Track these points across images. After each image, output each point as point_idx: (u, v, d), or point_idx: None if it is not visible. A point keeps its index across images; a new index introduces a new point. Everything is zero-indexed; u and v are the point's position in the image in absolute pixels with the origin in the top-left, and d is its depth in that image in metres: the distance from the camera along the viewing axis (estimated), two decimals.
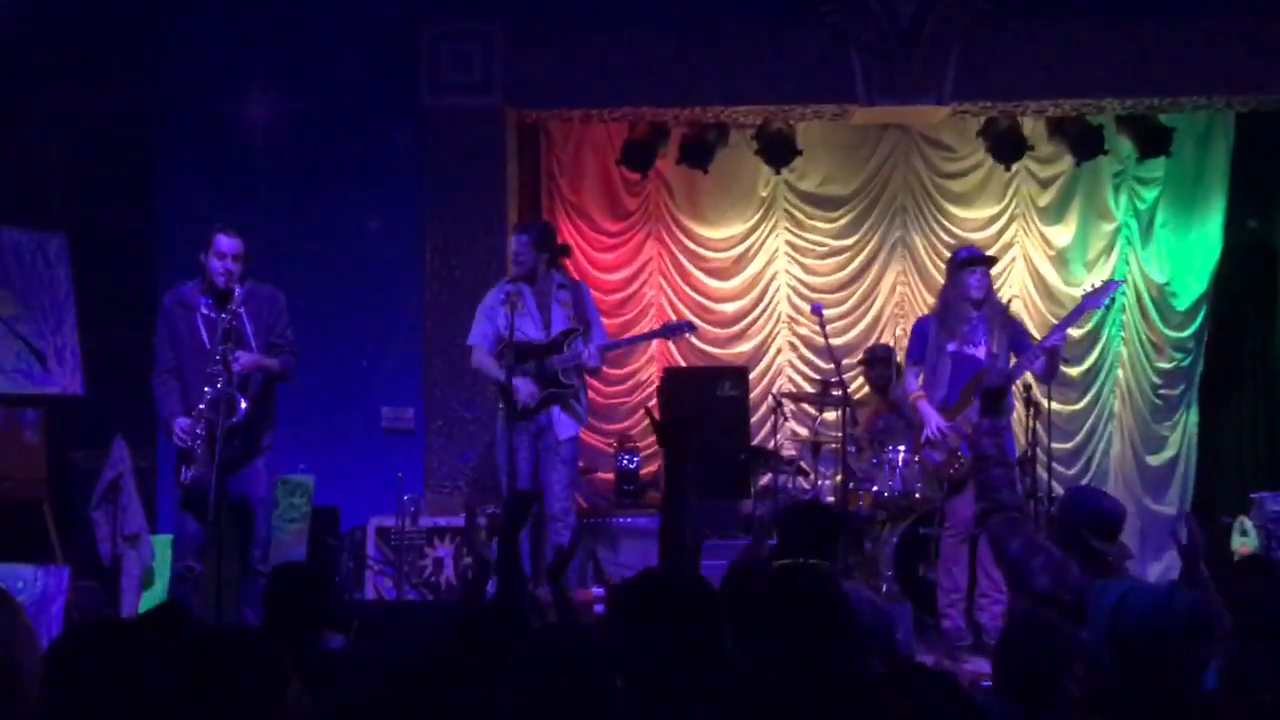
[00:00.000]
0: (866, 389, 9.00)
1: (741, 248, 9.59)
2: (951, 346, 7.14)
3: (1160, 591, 3.43)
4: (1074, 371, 9.23)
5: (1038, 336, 7.49)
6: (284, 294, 6.44)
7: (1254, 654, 3.30)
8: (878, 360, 8.82)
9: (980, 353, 7.15)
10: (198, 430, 6.06)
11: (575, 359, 6.99)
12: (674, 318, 9.52)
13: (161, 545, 7.15)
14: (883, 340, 9.35)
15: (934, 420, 7.15)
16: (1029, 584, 4.19)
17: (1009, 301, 7.75)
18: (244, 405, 6.10)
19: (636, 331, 9.19)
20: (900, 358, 8.85)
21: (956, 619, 7.07)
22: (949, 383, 7.17)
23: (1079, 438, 9.33)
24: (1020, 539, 4.28)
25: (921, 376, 7.30)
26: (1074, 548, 4.38)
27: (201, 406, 6.06)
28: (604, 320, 9.45)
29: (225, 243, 6.23)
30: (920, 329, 7.45)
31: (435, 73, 8.21)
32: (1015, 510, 4.45)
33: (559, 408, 7.02)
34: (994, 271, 9.29)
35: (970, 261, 7.25)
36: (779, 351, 9.62)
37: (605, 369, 9.42)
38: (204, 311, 6.22)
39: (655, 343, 9.46)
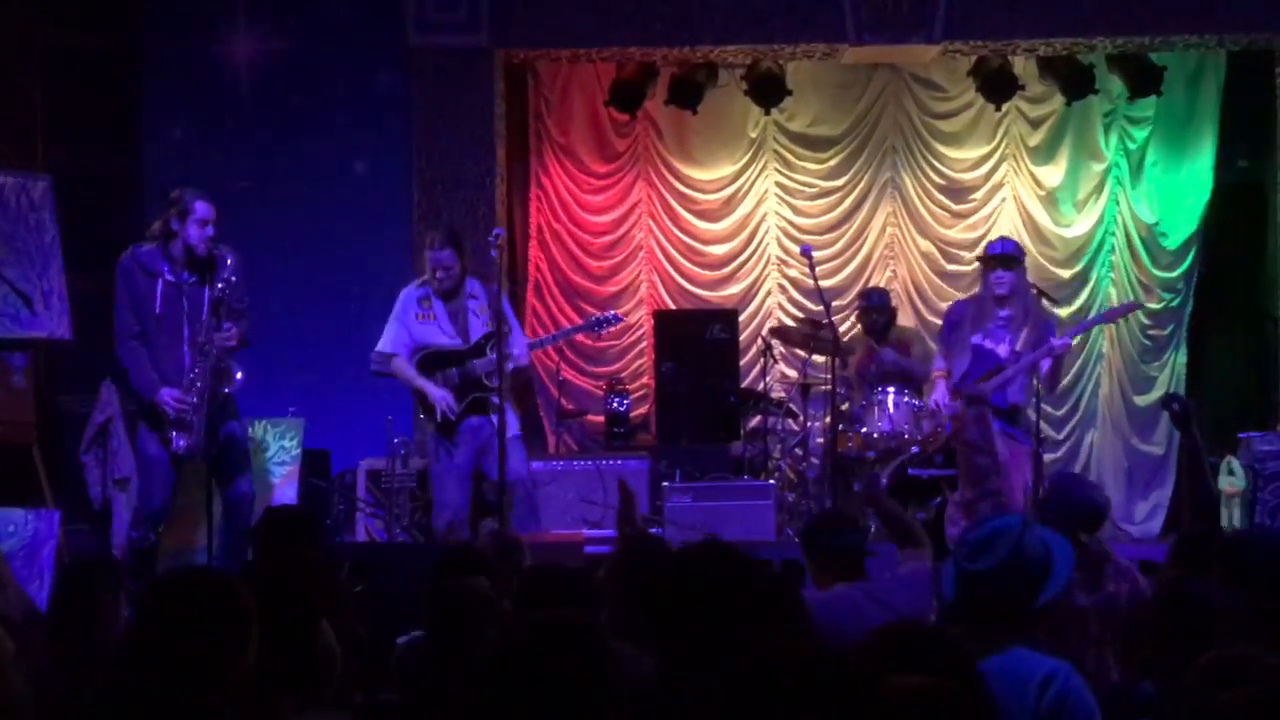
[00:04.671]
0: (857, 330, 8.98)
1: (731, 189, 9.55)
2: (975, 339, 7.21)
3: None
4: (1063, 312, 9.20)
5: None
6: (239, 255, 6.18)
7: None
8: (872, 305, 8.79)
9: (1002, 350, 7.17)
10: (190, 399, 6.01)
11: (506, 360, 6.39)
12: (663, 260, 9.53)
13: None
14: (873, 282, 9.34)
15: (940, 394, 7.35)
16: None
17: (1036, 294, 7.52)
18: (239, 376, 6.08)
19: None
20: (895, 300, 8.95)
21: None
22: (967, 372, 7.25)
23: (1067, 379, 9.32)
24: None
25: (950, 358, 7.40)
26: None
27: (194, 374, 5.99)
28: (593, 263, 9.51)
29: (205, 209, 6.00)
30: (955, 313, 7.51)
31: (422, 12, 8.14)
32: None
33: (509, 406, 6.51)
34: (985, 213, 9.38)
35: (991, 260, 7.20)
36: (768, 294, 9.60)
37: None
38: (167, 278, 6.02)
39: (645, 286, 9.46)
